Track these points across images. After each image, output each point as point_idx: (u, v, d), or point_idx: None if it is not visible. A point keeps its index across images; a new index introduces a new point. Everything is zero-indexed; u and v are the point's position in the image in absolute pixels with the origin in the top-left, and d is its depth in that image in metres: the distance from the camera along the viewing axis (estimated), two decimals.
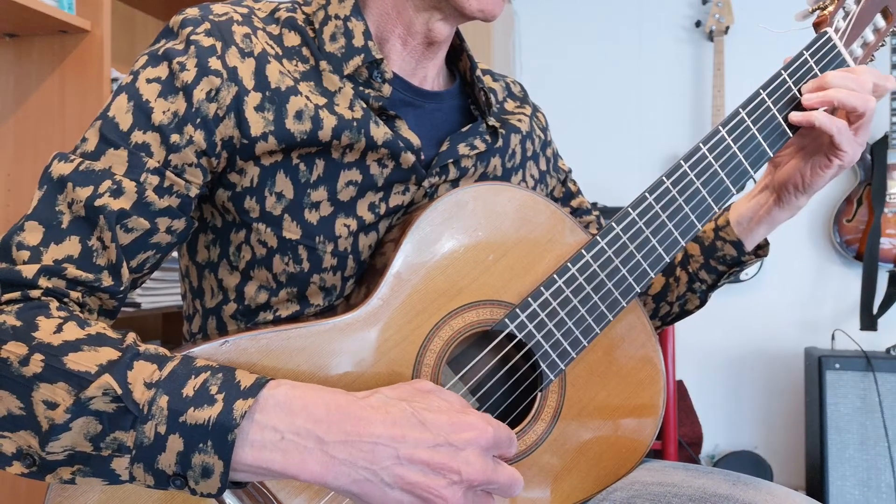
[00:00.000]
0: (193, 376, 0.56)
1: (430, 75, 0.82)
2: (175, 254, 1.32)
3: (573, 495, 0.75)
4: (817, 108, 0.79)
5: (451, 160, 0.78)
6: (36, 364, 0.55)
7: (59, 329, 0.57)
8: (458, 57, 0.87)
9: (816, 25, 0.84)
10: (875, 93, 0.80)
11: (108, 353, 0.56)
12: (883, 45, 0.88)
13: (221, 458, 0.54)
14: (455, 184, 0.80)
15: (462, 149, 0.79)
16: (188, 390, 0.55)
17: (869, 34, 0.86)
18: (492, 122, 0.83)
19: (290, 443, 0.55)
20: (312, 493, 0.64)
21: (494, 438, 0.58)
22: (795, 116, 0.80)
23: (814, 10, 0.85)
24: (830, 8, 0.84)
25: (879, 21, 0.86)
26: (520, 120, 0.90)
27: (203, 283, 0.78)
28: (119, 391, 0.54)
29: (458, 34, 0.85)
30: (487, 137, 0.82)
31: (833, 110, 0.81)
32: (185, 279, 0.80)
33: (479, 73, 0.84)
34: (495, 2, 0.75)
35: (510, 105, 0.92)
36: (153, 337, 2.01)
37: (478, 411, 0.61)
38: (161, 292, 1.63)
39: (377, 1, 0.77)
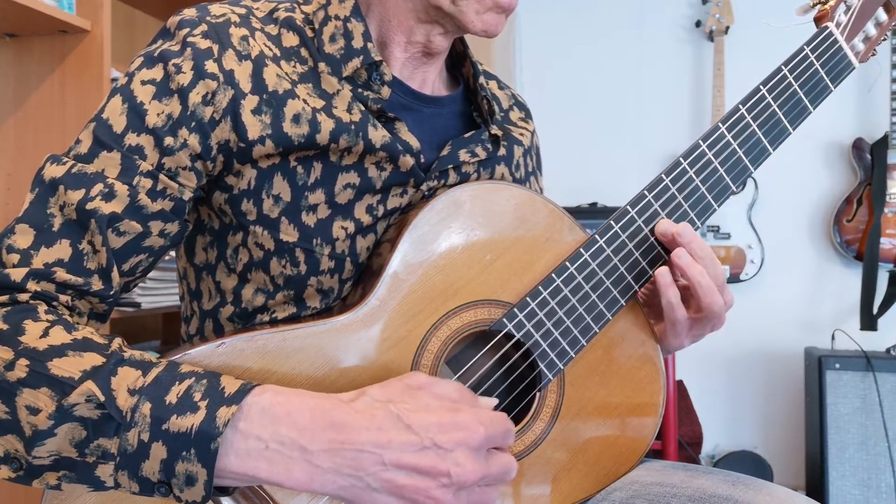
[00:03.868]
0: (177, 383, 0.56)
1: (430, 80, 0.81)
2: (174, 253, 1.32)
3: (572, 495, 0.75)
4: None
5: (451, 165, 0.78)
6: (21, 369, 0.55)
7: (45, 333, 0.57)
8: (462, 62, 0.87)
9: (818, 20, 0.84)
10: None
11: (93, 359, 0.56)
12: (885, 40, 0.88)
13: (205, 467, 0.53)
14: None
15: (463, 155, 0.78)
16: (171, 397, 0.55)
17: (871, 28, 0.85)
18: (494, 130, 0.82)
19: (275, 452, 0.55)
20: (310, 495, 0.64)
21: (486, 437, 0.58)
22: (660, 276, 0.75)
23: (815, 5, 0.85)
24: (832, 2, 0.83)
25: (881, 15, 0.86)
26: (522, 134, 0.89)
27: (201, 285, 0.77)
28: (102, 398, 0.54)
29: (461, 40, 0.85)
30: (489, 146, 0.81)
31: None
32: (183, 281, 0.80)
33: (482, 80, 0.83)
34: (498, 21, 0.74)
35: (514, 115, 0.92)
36: (153, 337, 2.01)
37: (471, 407, 0.60)
38: (161, 292, 1.63)
39: (379, 7, 0.77)
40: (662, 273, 0.74)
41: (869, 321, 2.35)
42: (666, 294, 0.74)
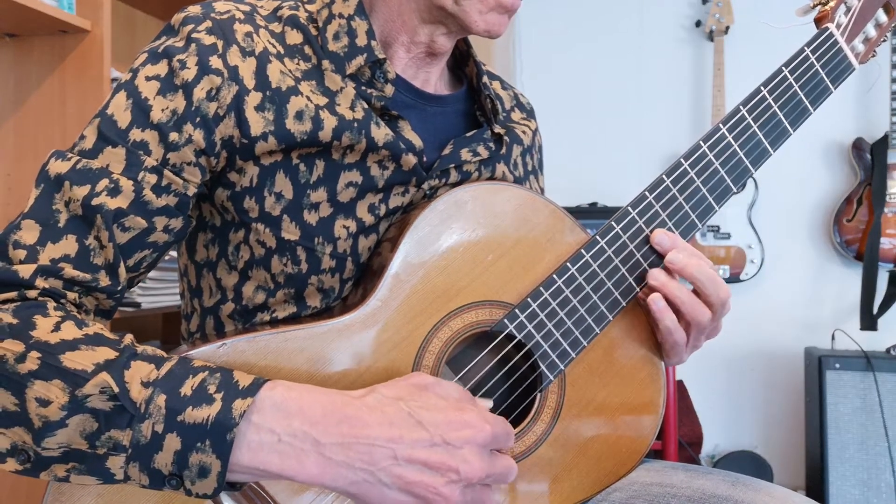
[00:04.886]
0: (191, 376, 0.56)
1: (433, 79, 0.81)
2: (174, 253, 1.32)
3: (573, 496, 0.75)
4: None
5: (452, 164, 0.78)
6: (32, 361, 0.55)
7: (56, 328, 0.57)
8: (465, 62, 0.87)
9: (818, 21, 0.84)
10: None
11: (106, 353, 0.56)
12: (885, 41, 0.88)
13: (219, 458, 0.54)
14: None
15: (465, 154, 0.78)
16: (186, 389, 0.55)
17: (871, 29, 0.85)
18: (497, 129, 0.82)
19: (287, 445, 0.55)
20: (313, 494, 0.64)
21: (492, 435, 0.59)
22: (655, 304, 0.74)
23: (815, 6, 0.85)
24: (832, 3, 0.83)
25: (881, 16, 0.86)
26: (524, 132, 0.89)
27: (201, 282, 0.77)
28: (116, 389, 0.54)
29: (464, 39, 0.85)
30: (491, 145, 0.81)
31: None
32: (184, 278, 0.80)
33: (485, 79, 0.83)
34: (501, 21, 0.75)
35: (516, 115, 0.92)
36: (153, 337, 2.01)
37: (475, 407, 0.61)
38: (161, 292, 1.63)
39: (383, 6, 0.77)
40: (654, 299, 0.73)
41: (869, 321, 2.35)
42: (663, 320, 0.74)
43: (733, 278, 2.55)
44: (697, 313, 0.74)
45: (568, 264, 0.73)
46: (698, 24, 2.68)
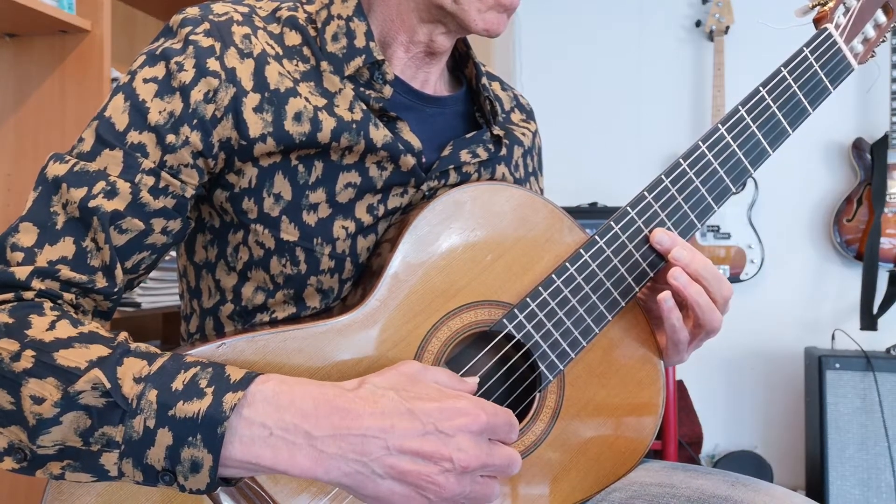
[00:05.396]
0: (183, 371, 0.56)
1: (432, 80, 0.81)
2: (174, 253, 1.32)
3: (572, 496, 0.75)
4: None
5: (452, 166, 0.78)
6: (27, 360, 0.55)
7: (51, 326, 0.58)
8: (465, 63, 0.87)
9: (817, 21, 0.84)
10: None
11: (99, 350, 0.57)
12: (884, 41, 0.88)
13: (211, 452, 0.54)
14: None
15: (464, 155, 0.78)
16: (177, 384, 0.55)
17: (870, 30, 0.85)
18: (496, 130, 0.82)
19: (279, 438, 0.55)
20: (311, 495, 0.64)
21: (487, 423, 0.59)
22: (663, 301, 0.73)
23: (814, 6, 0.85)
24: (831, 4, 0.83)
25: (880, 17, 0.86)
26: (524, 134, 0.89)
27: (200, 283, 0.77)
28: (108, 385, 0.54)
29: (464, 40, 0.85)
30: (491, 146, 0.81)
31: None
32: (183, 279, 0.80)
33: (484, 81, 0.83)
34: (500, 20, 0.75)
35: (516, 117, 0.92)
36: (153, 337, 2.01)
37: (470, 395, 0.61)
38: (161, 292, 1.63)
39: (382, 6, 0.77)
40: (665, 298, 0.73)
41: (869, 321, 2.35)
42: (669, 318, 0.73)
43: (733, 278, 2.55)
44: (711, 318, 0.73)
45: (567, 264, 0.73)
46: (698, 24, 2.68)
